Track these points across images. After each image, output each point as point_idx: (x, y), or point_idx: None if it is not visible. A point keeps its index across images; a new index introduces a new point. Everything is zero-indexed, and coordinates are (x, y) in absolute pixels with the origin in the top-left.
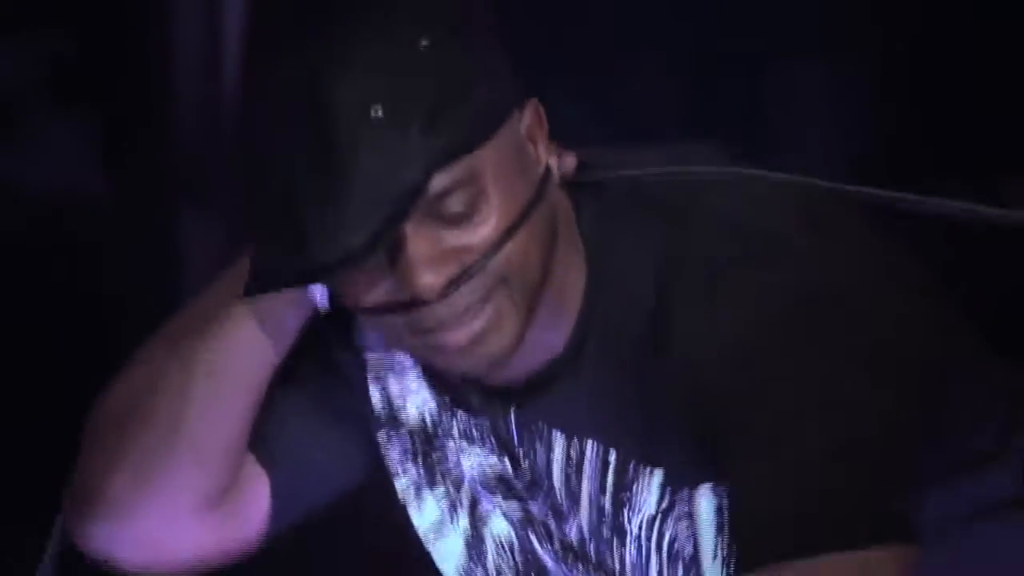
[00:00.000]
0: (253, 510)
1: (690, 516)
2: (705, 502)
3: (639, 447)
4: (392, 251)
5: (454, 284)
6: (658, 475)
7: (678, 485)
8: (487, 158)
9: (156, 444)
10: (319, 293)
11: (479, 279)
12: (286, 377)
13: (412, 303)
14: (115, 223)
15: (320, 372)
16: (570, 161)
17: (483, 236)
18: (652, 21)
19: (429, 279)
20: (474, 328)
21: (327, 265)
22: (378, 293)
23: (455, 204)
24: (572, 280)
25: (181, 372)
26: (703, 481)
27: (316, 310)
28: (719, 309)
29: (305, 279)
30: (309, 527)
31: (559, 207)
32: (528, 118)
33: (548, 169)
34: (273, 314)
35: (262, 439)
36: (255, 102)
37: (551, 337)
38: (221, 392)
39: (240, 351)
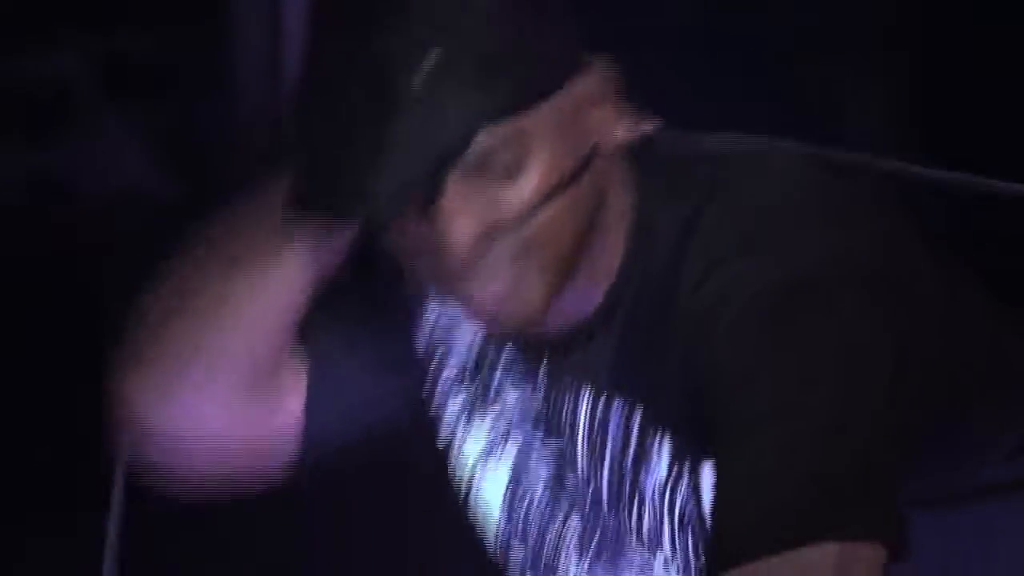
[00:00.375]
0: (288, 402)
1: (696, 488)
2: (708, 479)
3: (654, 410)
4: (430, 198)
5: (484, 239)
6: (667, 440)
7: (685, 454)
8: (538, 120)
9: (201, 326)
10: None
11: (509, 239)
12: (341, 288)
13: (442, 251)
14: (171, 222)
15: (375, 288)
16: (642, 129)
17: (521, 197)
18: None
19: (461, 230)
20: (497, 291)
21: (367, 208)
22: (414, 235)
23: (499, 161)
24: (612, 245)
25: (223, 277)
26: (708, 456)
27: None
28: (734, 279)
29: (344, 214)
30: (345, 475)
31: (611, 176)
32: (592, 84)
33: (602, 141)
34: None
35: (306, 337)
36: (316, 45)
37: (586, 298)
38: (261, 286)
39: (288, 252)
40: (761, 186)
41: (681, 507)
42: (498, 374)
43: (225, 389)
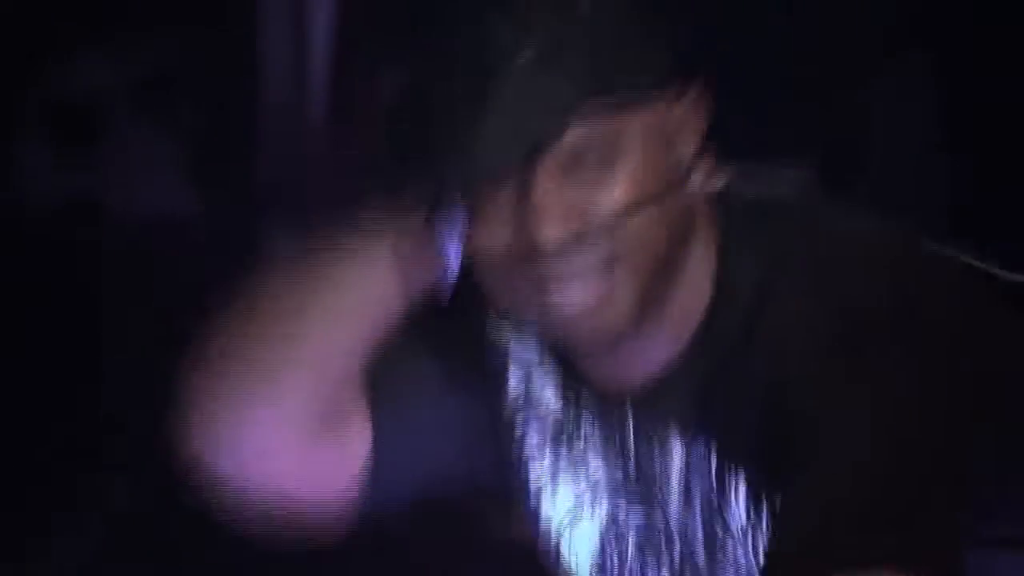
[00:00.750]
0: (353, 447)
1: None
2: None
3: (729, 449)
4: (521, 196)
5: (574, 240)
6: (743, 486)
7: (760, 497)
8: (633, 125)
9: (267, 358)
10: (452, 255)
11: (600, 244)
12: (415, 339)
13: (530, 253)
14: (199, 237)
15: (451, 347)
16: (719, 178)
17: (613, 200)
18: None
19: (550, 230)
20: (586, 299)
21: (455, 184)
22: (501, 238)
23: (591, 160)
24: (698, 286)
25: (300, 297)
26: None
27: (446, 276)
28: (803, 315)
29: (432, 194)
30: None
31: (699, 213)
32: (687, 109)
33: (692, 167)
34: (402, 256)
35: (375, 387)
36: (423, 32)
37: (672, 340)
38: (334, 321)
39: (363, 283)
40: (834, 238)
41: (764, 548)
42: (581, 442)
43: (291, 431)
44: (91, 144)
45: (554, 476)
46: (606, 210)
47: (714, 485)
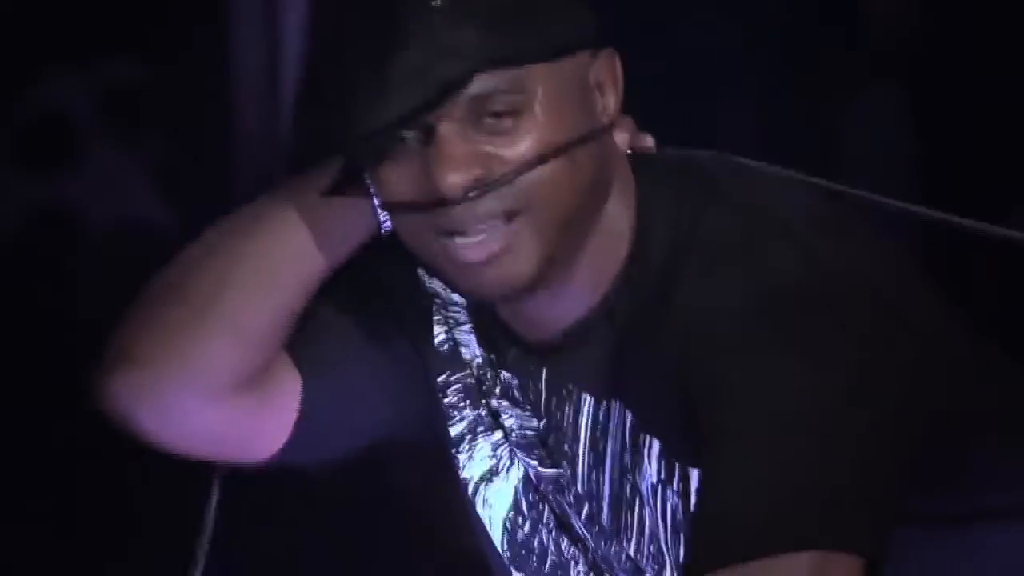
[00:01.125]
0: (280, 406)
1: (685, 495)
2: (696, 485)
3: (644, 414)
4: (425, 144)
5: (477, 188)
6: (656, 445)
7: (672, 460)
8: (542, 78)
9: (189, 317)
10: (382, 211)
11: (504, 192)
12: (342, 294)
13: (435, 200)
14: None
15: (379, 301)
16: (646, 140)
17: (518, 151)
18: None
19: (454, 178)
20: (491, 247)
21: (361, 136)
22: (408, 186)
23: (497, 108)
24: (615, 243)
25: (226, 256)
26: (695, 465)
27: (378, 230)
28: (718, 288)
29: (341, 149)
30: (341, 476)
31: (617, 170)
32: (601, 67)
33: (611, 124)
34: (333, 212)
35: (303, 344)
36: None
37: (587, 294)
38: (265, 277)
39: (292, 239)
40: (753, 200)
41: (672, 510)
42: (496, 398)
43: (209, 388)
44: (63, 158)
45: (473, 430)
46: (514, 157)
47: (627, 444)
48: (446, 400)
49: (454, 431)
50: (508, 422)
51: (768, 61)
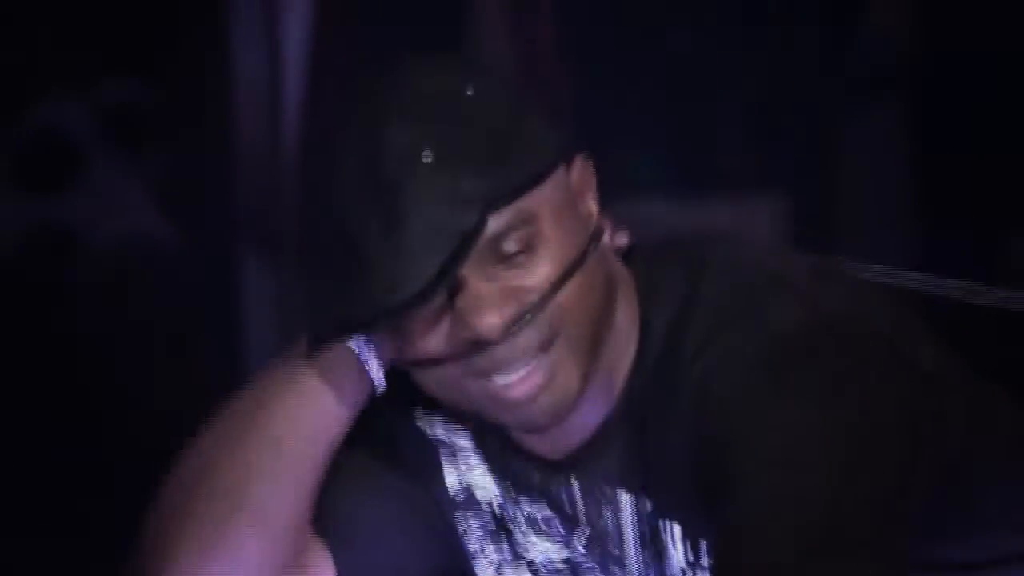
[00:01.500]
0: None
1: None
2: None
3: (661, 498)
4: (453, 294)
5: (516, 323)
6: (678, 528)
7: (696, 538)
8: (541, 201)
9: (223, 515)
10: (376, 370)
11: (539, 321)
12: (350, 459)
13: (474, 345)
14: (178, 270)
15: (385, 456)
16: (623, 237)
17: (542, 276)
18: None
19: (492, 319)
20: (536, 380)
21: (389, 310)
22: (438, 340)
23: (512, 245)
24: (625, 340)
25: (245, 445)
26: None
27: (374, 390)
28: (721, 355)
29: (367, 325)
30: None
31: (614, 268)
32: (576, 173)
33: (600, 225)
34: (333, 387)
35: (327, 519)
36: (316, 155)
37: (608, 396)
38: (285, 464)
39: (302, 423)
40: (742, 260)
41: None
42: (522, 532)
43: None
44: (63, 176)
45: (500, 567)
46: (539, 285)
47: (648, 532)
48: (470, 548)
49: (479, 567)
50: (537, 557)
51: (766, 71)
